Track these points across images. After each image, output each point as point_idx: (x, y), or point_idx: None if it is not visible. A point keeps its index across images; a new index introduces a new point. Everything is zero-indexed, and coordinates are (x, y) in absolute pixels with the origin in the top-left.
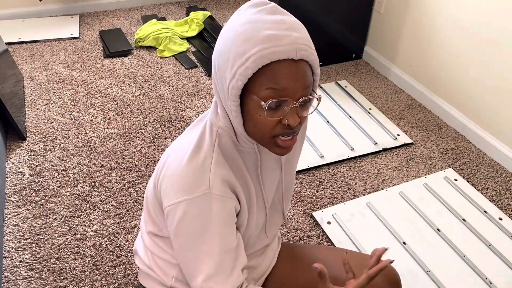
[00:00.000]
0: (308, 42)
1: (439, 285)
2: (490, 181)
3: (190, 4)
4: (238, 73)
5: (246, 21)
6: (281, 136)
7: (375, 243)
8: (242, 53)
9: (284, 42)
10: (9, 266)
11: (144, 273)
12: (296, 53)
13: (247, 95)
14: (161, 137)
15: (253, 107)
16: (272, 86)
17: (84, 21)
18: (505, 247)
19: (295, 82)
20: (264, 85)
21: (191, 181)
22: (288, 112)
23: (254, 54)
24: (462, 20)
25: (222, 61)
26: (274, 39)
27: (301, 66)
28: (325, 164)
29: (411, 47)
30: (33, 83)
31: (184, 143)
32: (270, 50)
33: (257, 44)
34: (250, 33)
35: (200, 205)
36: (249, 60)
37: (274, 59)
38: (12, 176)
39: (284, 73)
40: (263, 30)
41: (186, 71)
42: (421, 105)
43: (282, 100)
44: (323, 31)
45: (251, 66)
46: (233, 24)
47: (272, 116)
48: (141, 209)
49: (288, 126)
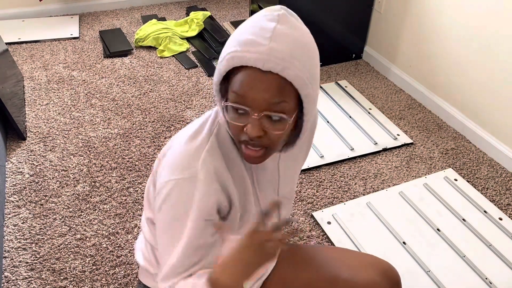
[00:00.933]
0: (286, 56)
1: (439, 285)
2: (490, 181)
3: (190, 4)
4: (217, 69)
5: (246, 22)
6: (248, 144)
7: (375, 243)
8: (224, 51)
9: (255, 50)
10: (9, 266)
11: (144, 270)
12: (263, 64)
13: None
14: (161, 137)
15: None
16: (235, 90)
17: (84, 21)
18: (505, 247)
19: (256, 93)
20: (231, 87)
21: (181, 163)
22: (250, 122)
23: (228, 54)
24: (462, 20)
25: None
26: (248, 44)
27: (268, 79)
28: (325, 164)
29: (411, 47)
30: (33, 83)
31: (186, 129)
32: (240, 54)
33: (235, 46)
34: (237, 35)
35: (183, 188)
36: (224, 58)
37: (242, 63)
38: (12, 176)
39: (247, 80)
40: (246, 34)
41: (186, 71)
42: (421, 105)
43: (240, 107)
44: (323, 31)
45: (224, 64)
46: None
47: (235, 120)
48: (141, 209)
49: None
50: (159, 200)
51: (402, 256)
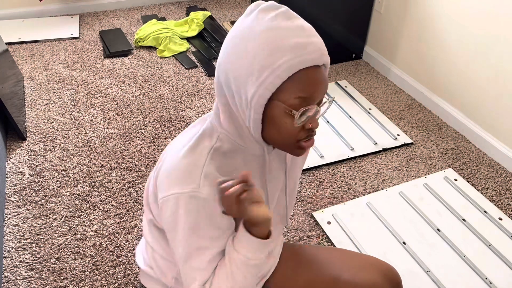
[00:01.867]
0: (323, 46)
1: (439, 285)
2: (490, 181)
3: (190, 4)
4: (267, 83)
5: (265, 29)
6: (305, 139)
7: (375, 243)
8: (270, 63)
9: (311, 50)
10: (9, 266)
11: (145, 274)
12: (320, 59)
13: (272, 102)
14: (161, 137)
15: (279, 114)
16: (302, 94)
17: (84, 21)
18: (505, 247)
19: (320, 88)
20: (293, 93)
21: (182, 176)
22: (311, 117)
23: (284, 63)
24: (462, 20)
25: (243, 72)
26: (301, 47)
27: (323, 71)
28: (325, 164)
29: (411, 47)
30: (33, 83)
31: (182, 140)
32: (300, 59)
33: (286, 53)
34: (276, 42)
35: (187, 203)
36: (279, 69)
37: (302, 67)
38: (12, 176)
39: (312, 80)
40: (288, 38)
41: (186, 71)
42: (421, 105)
43: (312, 108)
44: (323, 31)
45: (281, 75)
46: (250, 33)
47: (301, 123)
48: (141, 209)
49: (311, 130)
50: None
51: (402, 256)
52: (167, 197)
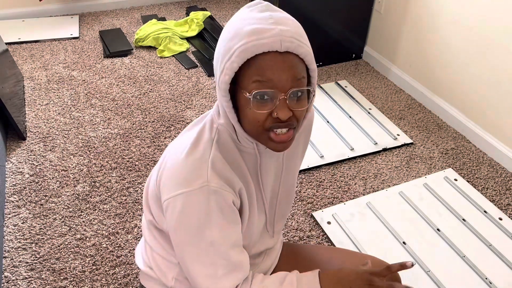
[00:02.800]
0: (295, 35)
1: (439, 285)
2: (490, 181)
3: (190, 4)
4: (225, 68)
5: (237, 19)
6: (274, 129)
7: (375, 243)
8: (228, 49)
9: (268, 35)
10: (9, 266)
11: (145, 274)
12: (280, 44)
13: (238, 90)
14: (161, 137)
15: (244, 101)
16: (258, 78)
17: (84, 21)
18: (505, 247)
19: (281, 73)
20: (250, 78)
21: (189, 174)
22: (277, 105)
23: (238, 48)
24: (462, 20)
25: (215, 59)
26: (257, 32)
27: (288, 58)
28: (325, 164)
29: (411, 47)
30: (33, 83)
31: (183, 139)
32: (253, 43)
33: (242, 39)
34: (237, 29)
35: (198, 198)
36: (234, 54)
37: (258, 51)
38: (12, 176)
39: (268, 64)
40: (248, 25)
41: (186, 71)
42: (421, 105)
43: (267, 91)
44: (323, 31)
45: (236, 60)
46: (227, 24)
47: (261, 109)
48: (141, 209)
49: (278, 119)
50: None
51: (402, 256)
52: (174, 197)
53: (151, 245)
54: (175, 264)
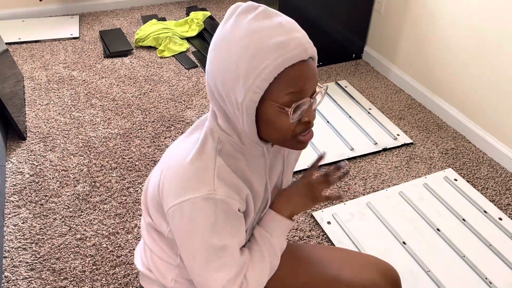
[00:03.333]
0: (307, 38)
1: (439, 285)
2: (490, 181)
3: (190, 4)
4: (254, 87)
5: (245, 32)
6: (303, 133)
7: (375, 243)
8: (254, 67)
9: (292, 46)
10: (9, 266)
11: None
12: (306, 53)
13: (263, 103)
14: (161, 137)
15: (272, 113)
16: (292, 90)
17: (84, 21)
18: (505, 247)
19: (310, 81)
20: (283, 91)
21: (195, 181)
22: (306, 110)
23: (268, 66)
24: (462, 20)
25: (229, 78)
26: (283, 46)
27: (311, 64)
28: (325, 164)
29: (411, 47)
30: (33, 83)
31: (185, 146)
32: (282, 58)
33: (269, 55)
34: (257, 44)
35: (205, 205)
36: (264, 72)
37: (287, 65)
38: (12, 176)
39: (300, 75)
40: (269, 38)
41: (186, 71)
42: (421, 105)
43: (305, 101)
44: (323, 31)
45: (267, 78)
46: (231, 38)
47: (295, 119)
48: (141, 209)
49: (308, 123)
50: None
51: (402, 256)
52: (181, 203)
53: (150, 247)
54: (175, 266)
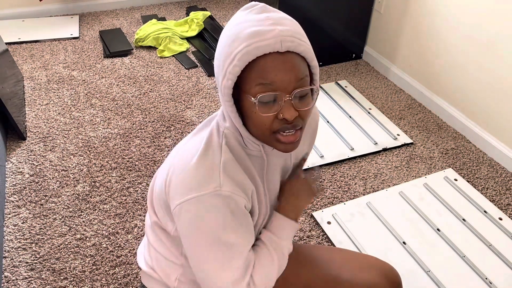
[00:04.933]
0: (295, 34)
1: (439, 285)
2: (490, 181)
3: (190, 4)
4: (227, 72)
5: (235, 23)
6: (282, 131)
7: (375, 243)
8: (229, 53)
9: (268, 36)
10: (9, 266)
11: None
12: (280, 45)
13: (242, 94)
14: (161, 137)
15: (248, 105)
16: (261, 81)
17: (84, 21)
18: (505, 247)
19: (284, 74)
20: (253, 81)
21: (201, 179)
22: (283, 106)
23: (239, 52)
24: (462, 20)
25: (216, 64)
26: (257, 34)
27: (289, 58)
28: (325, 164)
29: (411, 47)
30: (33, 83)
31: (192, 144)
32: (254, 46)
33: (242, 42)
34: (236, 33)
35: (211, 202)
36: (235, 58)
37: (259, 54)
38: (12, 176)
39: (270, 66)
40: (247, 28)
41: (186, 71)
42: (421, 105)
43: (271, 94)
44: (323, 31)
45: (238, 64)
46: (225, 28)
47: (266, 112)
48: (141, 209)
49: (285, 120)
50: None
51: (402, 256)
52: (187, 201)
53: (155, 246)
54: (179, 266)
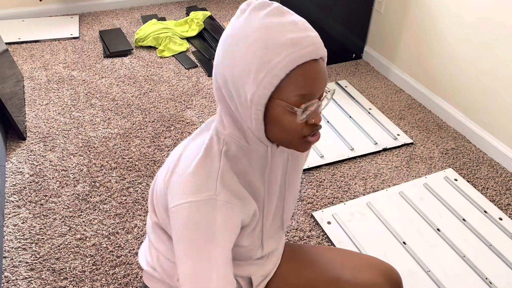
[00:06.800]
0: (320, 39)
1: (439, 285)
2: (490, 181)
3: (190, 4)
4: (265, 82)
5: (258, 27)
6: (309, 134)
7: (375, 243)
8: (266, 62)
9: (305, 44)
10: (9, 266)
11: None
12: (317, 53)
13: (272, 101)
14: (161, 137)
15: (280, 112)
16: (302, 91)
17: (84, 21)
18: (505, 247)
19: (320, 82)
20: (292, 90)
21: (198, 184)
22: (313, 112)
23: (281, 61)
24: (462, 20)
25: (240, 73)
26: (296, 42)
27: (322, 65)
28: (325, 164)
29: (411, 47)
30: (33, 83)
31: (192, 148)
32: (296, 55)
33: (283, 50)
34: (270, 40)
35: (205, 209)
36: (276, 67)
37: (299, 63)
38: (12, 176)
39: (310, 75)
40: (282, 34)
41: (186, 71)
42: (421, 105)
43: (314, 103)
44: (323, 31)
45: (279, 74)
46: (244, 33)
47: (303, 120)
48: (141, 209)
49: (315, 125)
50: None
51: (402, 256)
52: (181, 205)
53: (156, 247)
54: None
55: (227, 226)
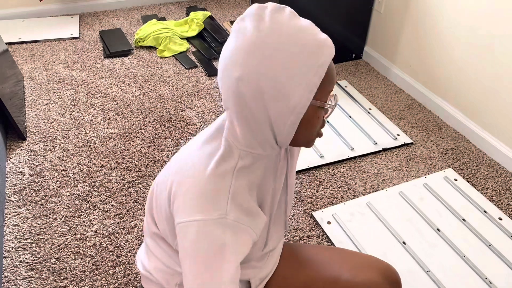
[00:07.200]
0: None
1: (439, 285)
2: (490, 181)
3: (190, 4)
4: (312, 83)
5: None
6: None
7: (375, 243)
8: (314, 63)
9: (329, 45)
10: (9, 266)
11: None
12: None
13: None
14: (161, 137)
15: (313, 111)
16: (330, 87)
17: (84, 21)
18: (505, 247)
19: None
20: (326, 88)
21: (208, 202)
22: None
23: (324, 62)
24: (462, 20)
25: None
26: (325, 43)
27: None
28: (325, 164)
29: (411, 47)
30: (33, 83)
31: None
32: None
33: (322, 50)
34: (308, 42)
35: (213, 229)
36: (321, 68)
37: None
38: (12, 176)
39: (333, 72)
40: (312, 35)
41: (186, 71)
42: (421, 105)
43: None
44: (323, 31)
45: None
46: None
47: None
48: (141, 209)
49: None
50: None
51: (402, 256)
52: (189, 222)
53: (155, 253)
54: (180, 273)
55: (236, 244)
